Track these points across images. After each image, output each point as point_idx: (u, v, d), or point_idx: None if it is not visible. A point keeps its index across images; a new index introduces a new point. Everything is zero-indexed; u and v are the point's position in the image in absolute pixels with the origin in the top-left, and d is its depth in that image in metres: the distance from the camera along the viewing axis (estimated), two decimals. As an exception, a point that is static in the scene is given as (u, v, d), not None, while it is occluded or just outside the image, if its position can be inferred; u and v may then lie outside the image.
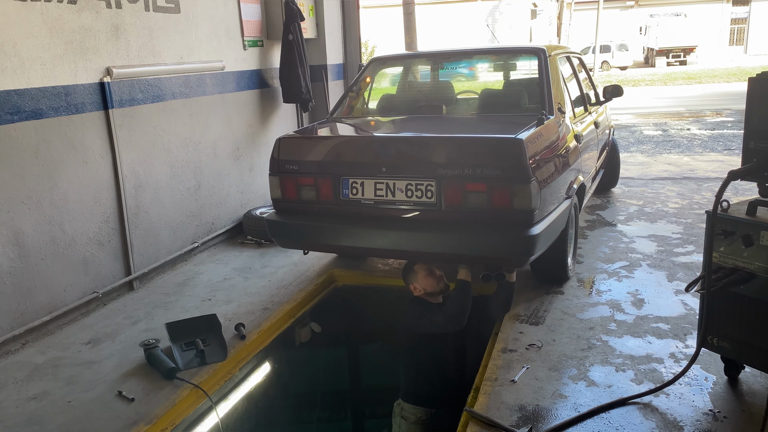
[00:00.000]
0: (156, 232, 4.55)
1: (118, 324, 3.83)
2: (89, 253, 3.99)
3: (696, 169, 7.68)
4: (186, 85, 4.78)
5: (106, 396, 3.01)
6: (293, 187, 3.74)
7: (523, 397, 2.84)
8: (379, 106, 4.66)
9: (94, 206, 4.01)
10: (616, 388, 2.88)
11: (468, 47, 5.11)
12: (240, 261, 4.86)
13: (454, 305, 3.34)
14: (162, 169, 4.58)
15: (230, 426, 3.31)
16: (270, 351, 3.67)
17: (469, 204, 3.35)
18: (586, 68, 5.51)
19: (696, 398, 2.76)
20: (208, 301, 4.11)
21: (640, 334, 3.40)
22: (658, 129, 12.18)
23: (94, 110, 3.96)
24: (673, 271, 4.25)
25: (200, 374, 3.17)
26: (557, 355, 3.21)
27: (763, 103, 2.49)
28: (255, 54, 5.68)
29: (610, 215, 5.69)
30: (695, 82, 23.05)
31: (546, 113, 3.77)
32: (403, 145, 3.58)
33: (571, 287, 4.07)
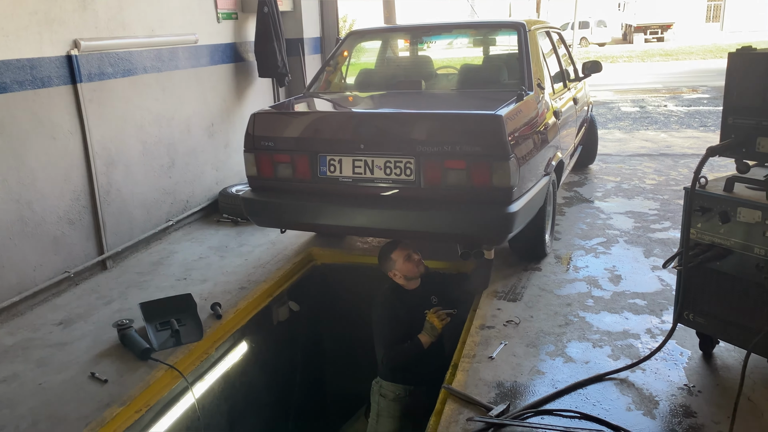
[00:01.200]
0: (129, 211, 4.45)
1: (91, 304, 3.75)
2: (60, 232, 3.89)
3: (672, 145, 7.73)
4: (158, 59, 4.65)
5: (78, 378, 2.95)
6: (269, 164, 3.67)
7: (501, 374, 2.85)
8: (357, 81, 4.57)
9: (63, 184, 3.90)
10: (593, 364, 2.90)
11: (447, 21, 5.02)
12: (216, 239, 4.78)
13: (396, 356, 3.33)
14: (134, 146, 4.46)
15: (206, 406, 3.28)
16: (247, 330, 3.62)
17: (448, 181, 3.32)
18: (565, 44, 5.47)
19: (671, 373, 2.79)
20: (183, 281, 4.04)
21: (617, 310, 3.42)
22: (636, 105, 12.23)
23: (62, 84, 3.83)
24: (649, 247, 4.28)
25: (175, 354, 3.12)
26: (535, 332, 3.22)
27: (742, 79, 2.48)
28: (229, 27, 5.54)
29: (588, 192, 5.71)
30: (672, 58, 23.20)
31: (525, 89, 3.74)
32: (382, 122, 3.52)
33: (549, 264, 4.08)
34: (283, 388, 4.14)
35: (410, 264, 3.42)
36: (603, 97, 13.67)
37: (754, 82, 2.41)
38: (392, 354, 3.37)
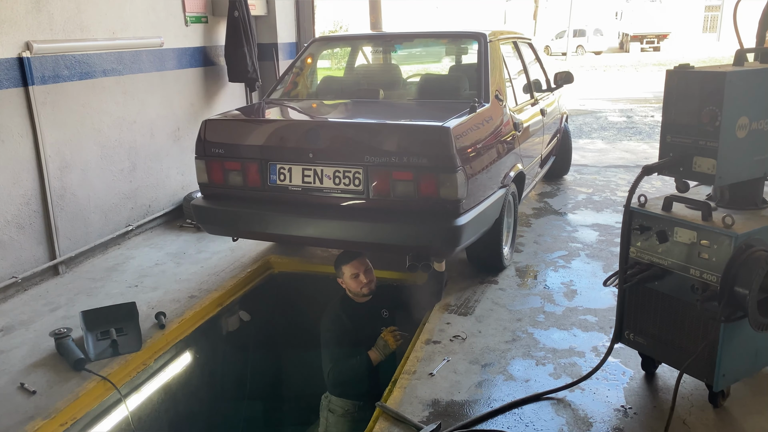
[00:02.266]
0: (85, 215, 4.39)
1: (36, 311, 3.68)
2: (7, 237, 3.82)
3: (651, 157, 7.67)
4: (119, 62, 4.59)
5: (7, 388, 2.88)
6: (220, 171, 3.61)
7: (438, 392, 2.79)
8: (318, 89, 4.53)
9: (12, 187, 3.83)
10: (534, 383, 2.84)
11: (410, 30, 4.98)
12: (175, 246, 4.72)
13: (342, 373, 3.29)
14: (91, 149, 4.40)
15: (143, 418, 3.21)
16: (191, 341, 3.55)
17: (396, 192, 3.27)
18: (537, 54, 5.43)
19: (610, 393, 2.73)
20: (134, 288, 3.97)
21: (566, 326, 3.36)
22: (623, 115, 12.20)
23: (12, 87, 3.77)
24: (610, 261, 4.23)
25: (111, 365, 3.05)
26: (480, 348, 3.16)
27: (680, 97, 2.43)
28: (198, 30, 5.48)
29: (558, 203, 5.66)
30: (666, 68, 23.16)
31: (481, 101, 3.68)
32: (331, 131, 3.47)
33: (507, 277, 4.02)
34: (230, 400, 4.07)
35: (355, 283, 3.38)
36: (592, 106, 13.64)
37: (690, 100, 2.37)
38: (338, 369, 3.31)
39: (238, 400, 4.11)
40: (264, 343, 4.21)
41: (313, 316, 4.11)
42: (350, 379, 3.31)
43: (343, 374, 3.30)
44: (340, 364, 3.31)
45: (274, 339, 4.31)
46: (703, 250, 2.35)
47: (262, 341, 4.18)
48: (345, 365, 3.31)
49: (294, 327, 4.30)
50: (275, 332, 4.33)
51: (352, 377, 3.30)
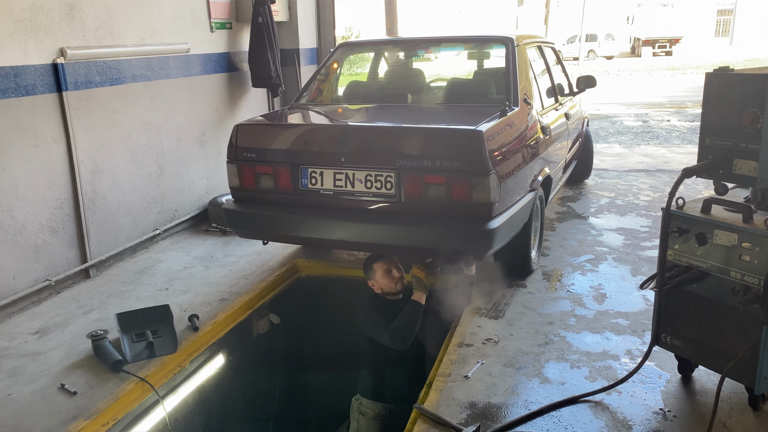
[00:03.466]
0: (115, 219, 4.44)
1: (70, 313, 3.73)
2: (41, 240, 3.87)
3: (671, 161, 7.67)
4: (148, 68, 4.65)
5: (48, 389, 2.92)
6: (251, 175, 3.65)
7: (475, 394, 2.80)
8: (345, 94, 4.56)
9: (46, 192, 3.89)
10: (570, 386, 2.84)
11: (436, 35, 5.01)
12: (202, 249, 4.76)
13: (401, 326, 3.25)
14: (121, 154, 4.46)
15: (179, 420, 3.24)
16: (224, 343, 3.58)
17: (428, 196, 3.29)
18: (560, 58, 5.44)
19: (648, 397, 2.73)
20: (164, 291, 4.01)
21: (598, 329, 3.36)
22: (639, 120, 12.16)
23: (47, 92, 3.83)
24: (638, 265, 4.22)
25: (148, 367, 3.09)
26: (513, 351, 3.16)
27: (719, 100, 2.44)
28: (223, 37, 5.54)
29: (581, 207, 5.65)
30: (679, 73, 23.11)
31: (510, 104, 3.70)
32: (363, 135, 3.50)
33: (535, 280, 4.03)
34: (261, 402, 4.09)
35: (388, 279, 3.39)
36: (606, 110, 13.60)
37: (730, 103, 2.37)
38: (395, 327, 3.25)
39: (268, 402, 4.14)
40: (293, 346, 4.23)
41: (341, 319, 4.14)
42: (410, 326, 3.24)
43: (401, 326, 3.24)
44: (394, 323, 3.26)
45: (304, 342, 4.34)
46: (744, 252, 2.35)
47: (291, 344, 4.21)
48: (399, 321, 3.26)
49: (322, 330, 4.32)
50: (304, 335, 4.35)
51: (411, 324, 3.24)
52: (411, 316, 3.24)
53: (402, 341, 3.22)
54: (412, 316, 3.25)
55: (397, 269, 3.42)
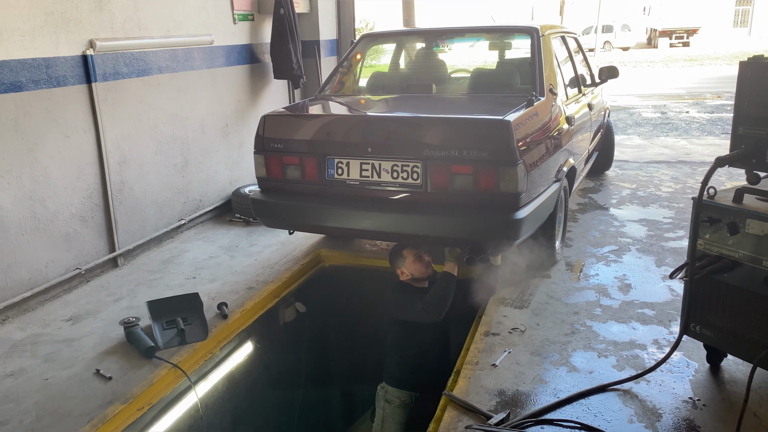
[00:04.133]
0: (141, 209, 4.50)
1: (101, 301, 3.80)
2: (72, 229, 3.94)
3: (692, 152, 7.62)
4: (173, 59, 4.69)
5: (83, 374, 2.98)
6: (278, 165, 3.68)
7: (503, 382, 2.82)
8: (369, 84, 4.58)
9: (76, 182, 3.95)
10: (597, 374, 2.86)
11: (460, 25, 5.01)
12: (227, 239, 4.82)
13: (435, 296, 3.29)
14: (147, 145, 4.51)
15: (209, 406, 3.30)
16: (252, 331, 3.64)
17: (454, 186, 3.30)
18: (581, 48, 5.42)
19: (677, 385, 2.74)
20: (192, 280, 4.07)
21: (624, 319, 3.37)
22: (657, 111, 12.07)
23: (77, 83, 3.88)
24: (662, 256, 4.22)
25: (180, 353, 3.14)
26: (540, 340, 3.18)
27: (753, 88, 2.43)
28: (245, 28, 5.57)
29: (603, 198, 5.64)
30: (697, 64, 22.85)
31: (536, 94, 3.70)
32: (389, 126, 3.52)
33: (559, 271, 4.04)
34: (287, 389, 4.15)
35: (419, 264, 3.42)
36: (624, 102, 13.51)
37: (764, 91, 2.36)
38: (429, 300, 3.29)
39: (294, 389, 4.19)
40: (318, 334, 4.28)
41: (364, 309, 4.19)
42: (444, 296, 3.30)
43: (436, 297, 3.30)
44: (428, 296, 3.32)
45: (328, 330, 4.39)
46: (777, 241, 2.35)
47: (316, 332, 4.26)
48: (432, 293, 3.32)
49: (347, 319, 4.37)
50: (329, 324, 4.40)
51: (445, 294, 3.30)
52: (444, 287, 3.29)
53: (436, 311, 3.27)
54: (446, 286, 3.30)
55: (427, 254, 3.45)
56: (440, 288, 3.33)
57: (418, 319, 3.34)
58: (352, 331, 4.23)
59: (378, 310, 3.70)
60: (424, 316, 3.31)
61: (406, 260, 3.44)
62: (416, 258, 3.43)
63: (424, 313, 3.30)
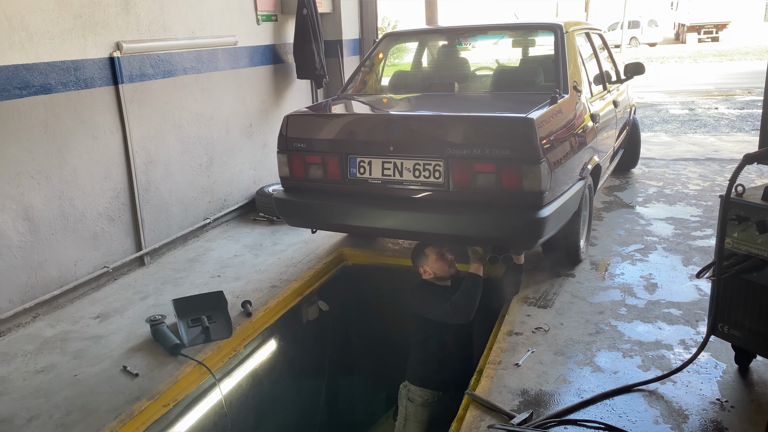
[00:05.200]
0: (167, 208, 4.57)
1: (128, 299, 3.86)
2: (100, 228, 4.02)
3: (721, 149, 7.47)
4: (198, 60, 4.75)
5: (111, 371, 3.04)
6: (301, 165, 3.70)
7: (526, 382, 2.81)
8: (391, 83, 4.58)
9: (104, 181, 4.02)
10: (622, 375, 2.83)
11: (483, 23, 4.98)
12: (251, 238, 4.86)
13: (463, 298, 3.28)
14: (173, 145, 4.57)
15: (233, 403, 3.34)
16: (276, 329, 3.67)
17: (477, 184, 3.29)
18: (606, 45, 5.35)
19: (704, 387, 2.70)
20: (217, 278, 4.12)
21: (650, 319, 3.32)
22: (685, 108, 11.87)
23: (104, 85, 3.95)
24: (689, 255, 4.15)
25: (204, 351, 3.18)
26: (564, 340, 3.16)
27: (783, 84, 2.38)
28: (269, 29, 5.61)
29: (628, 196, 5.57)
30: (726, 59, 22.40)
31: (560, 92, 3.67)
32: (411, 124, 3.51)
33: (583, 270, 4.00)
34: (310, 387, 4.18)
35: (443, 263, 3.42)
36: (651, 99, 13.31)
37: (795, 86, 2.31)
38: (456, 300, 3.29)
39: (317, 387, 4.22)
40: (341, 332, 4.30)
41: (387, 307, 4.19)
42: (472, 297, 3.29)
43: (463, 298, 3.29)
44: (455, 297, 3.31)
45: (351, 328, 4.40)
46: (808, 240, 2.30)
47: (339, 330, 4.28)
48: (460, 293, 3.31)
49: (370, 317, 4.38)
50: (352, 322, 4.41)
51: (472, 295, 3.30)
52: (472, 288, 3.29)
53: (466, 314, 3.27)
54: (473, 287, 3.29)
55: (449, 252, 3.45)
56: (467, 289, 3.32)
57: (447, 321, 3.33)
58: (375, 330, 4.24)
59: (400, 308, 3.70)
60: (453, 318, 3.31)
61: (429, 259, 3.44)
62: (439, 257, 3.43)
63: (453, 315, 3.29)
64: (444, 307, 3.29)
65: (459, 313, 3.27)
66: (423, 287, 3.50)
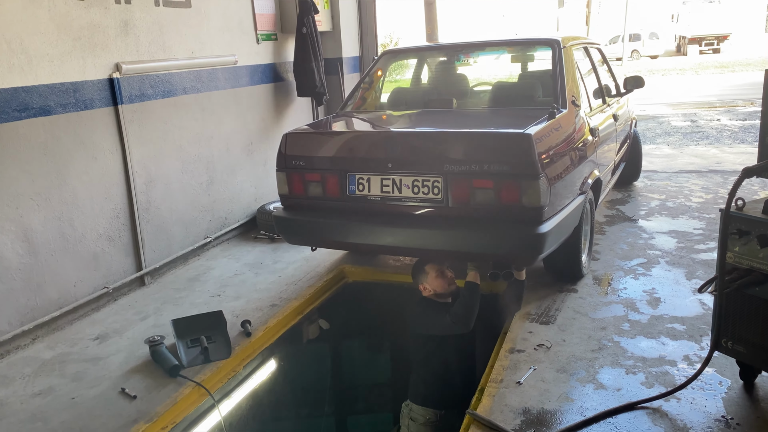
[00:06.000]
0: (167, 228, 4.56)
1: (128, 319, 3.85)
2: (99, 249, 4.01)
3: (723, 161, 7.45)
4: (197, 80, 4.77)
5: (109, 393, 3.02)
6: (300, 182, 3.70)
7: (528, 400, 2.77)
8: (390, 100, 4.59)
9: (104, 202, 4.03)
10: (626, 392, 2.79)
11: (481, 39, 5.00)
12: (252, 256, 4.85)
13: (462, 307, 3.26)
14: (173, 165, 4.58)
15: (233, 424, 3.30)
16: (276, 348, 3.64)
17: (476, 200, 3.27)
18: (606, 59, 5.36)
19: (708, 403, 2.65)
20: (217, 297, 4.10)
21: (653, 334, 3.29)
22: (687, 120, 11.85)
23: (104, 106, 3.97)
24: (692, 269, 4.11)
25: (203, 372, 3.16)
26: (566, 356, 3.12)
27: (780, 96, 2.36)
28: (269, 48, 5.65)
29: (631, 210, 5.54)
30: (728, 71, 22.42)
31: (558, 106, 3.66)
32: (409, 141, 3.51)
33: (586, 285, 3.96)
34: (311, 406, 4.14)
35: (442, 280, 3.39)
36: (653, 111, 13.30)
37: (792, 99, 2.30)
38: (455, 311, 3.26)
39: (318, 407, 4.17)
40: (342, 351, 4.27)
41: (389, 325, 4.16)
42: (470, 306, 3.27)
43: (462, 308, 3.27)
44: (455, 307, 3.29)
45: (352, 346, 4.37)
46: (810, 254, 2.27)
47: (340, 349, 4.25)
48: (459, 304, 3.29)
49: (371, 335, 4.35)
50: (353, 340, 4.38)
51: (471, 304, 3.28)
52: (469, 296, 3.27)
53: (465, 322, 3.24)
54: (470, 295, 3.27)
55: (449, 269, 3.43)
56: (466, 298, 3.30)
57: (447, 332, 3.30)
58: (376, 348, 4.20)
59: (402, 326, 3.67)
60: (454, 328, 3.28)
61: (429, 276, 3.42)
62: (438, 274, 3.41)
63: (452, 325, 3.27)
64: (443, 319, 3.26)
65: (458, 321, 3.23)
66: (423, 304, 3.48)
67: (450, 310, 3.29)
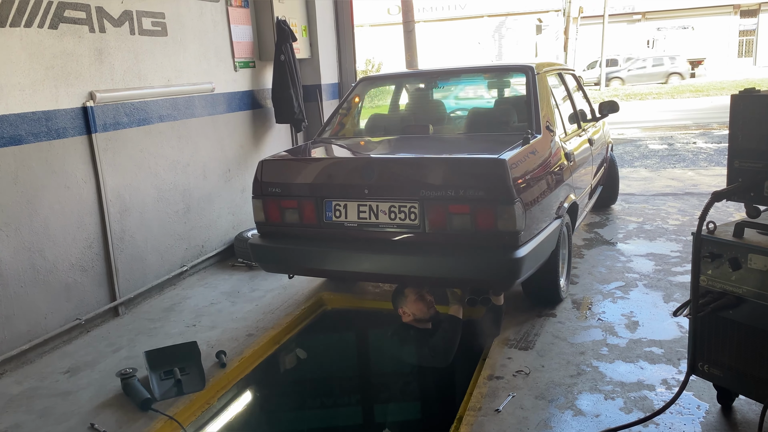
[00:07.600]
0: (143, 257, 4.49)
1: (100, 352, 3.76)
2: (71, 280, 3.93)
3: (699, 183, 7.54)
4: (174, 108, 4.75)
5: (78, 429, 2.93)
6: (276, 209, 3.67)
7: (507, 428, 2.73)
8: (367, 126, 4.59)
9: (76, 231, 3.96)
10: (604, 418, 2.77)
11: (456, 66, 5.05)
12: (229, 285, 4.79)
13: (442, 341, 3.24)
14: (149, 193, 4.53)
15: (207, 459, 3.21)
16: (251, 379, 3.57)
17: (452, 226, 3.27)
18: (581, 85, 5.43)
19: (687, 428, 2.64)
20: (192, 327, 4.03)
21: (632, 359, 3.28)
22: (664, 143, 12.03)
23: (77, 135, 3.93)
24: (670, 291, 4.13)
25: (176, 405, 3.08)
26: (545, 382, 3.09)
27: (746, 122, 2.40)
28: (247, 75, 5.65)
29: (609, 233, 5.57)
30: (703, 94, 22.86)
31: (533, 132, 3.69)
32: (385, 167, 3.51)
33: (565, 309, 3.95)
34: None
35: (421, 304, 3.38)
36: (631, 134, 13.50)
37: (758, 124, 2.33)
38: (436, 342, 3.25)
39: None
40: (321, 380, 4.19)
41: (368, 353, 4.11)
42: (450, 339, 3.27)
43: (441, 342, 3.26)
44: (433, 340, 3.27)
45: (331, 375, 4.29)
46: (781, 276, 2.28)
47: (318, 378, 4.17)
48: (438, 336, 3.28)
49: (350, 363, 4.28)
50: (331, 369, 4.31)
51: (451, 338, 3.27)
52: (450, 331, 3.25)
53: (443, 357, 3.23)
54: (451, 330, 3.25)
55: (429, 293, 3.42)
56: (446, 332, 3.29)
57: (425, 364, 3.28)
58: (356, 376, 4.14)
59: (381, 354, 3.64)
60: (431, 362, 3.25)
61: (408, 299, 3.40)
62: (418, 297, 3.40)
63: (431, 358, 3.24)
64: (422, 352, 3.24)
65: (437, 356, 3.21)
66: (402, 330, 3.45)
67: (429, 342, 3.25)
